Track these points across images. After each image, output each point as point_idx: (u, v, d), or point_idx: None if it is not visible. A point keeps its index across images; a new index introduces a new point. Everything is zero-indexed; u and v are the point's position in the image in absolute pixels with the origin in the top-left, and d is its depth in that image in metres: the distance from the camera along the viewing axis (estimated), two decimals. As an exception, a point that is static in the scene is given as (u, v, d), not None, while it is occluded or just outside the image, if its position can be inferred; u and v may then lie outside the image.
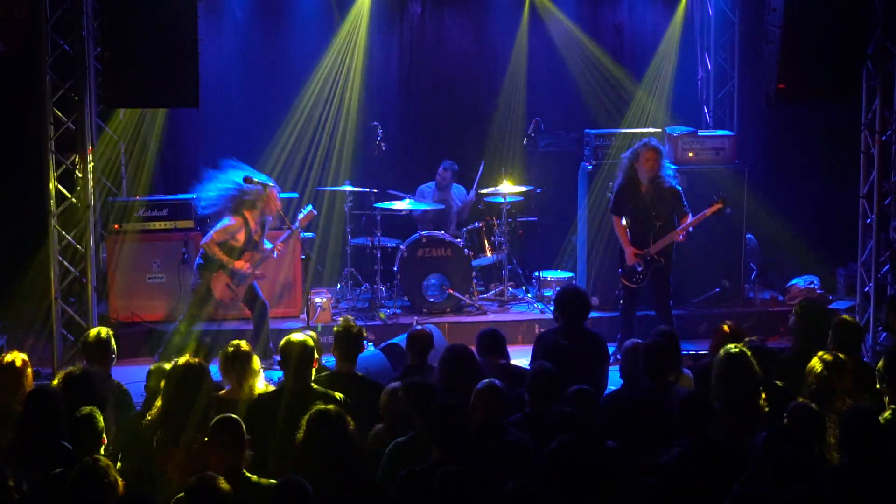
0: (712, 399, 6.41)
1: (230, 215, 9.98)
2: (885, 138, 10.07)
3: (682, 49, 12.82)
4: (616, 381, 7.58)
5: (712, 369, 6.65)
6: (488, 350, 7.56)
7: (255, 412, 6.50)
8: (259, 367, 7.03)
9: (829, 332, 7.29)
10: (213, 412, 6.18)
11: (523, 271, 12.15)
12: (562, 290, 8.43)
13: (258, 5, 12.55)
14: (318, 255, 10.61)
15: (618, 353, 8.73)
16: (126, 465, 6.13)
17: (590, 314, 8.18)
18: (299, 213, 10.27)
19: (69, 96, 9.86)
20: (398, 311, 11.44)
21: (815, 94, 9.99)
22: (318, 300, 11.04)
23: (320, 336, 8.59)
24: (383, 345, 9.27)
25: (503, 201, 11.69)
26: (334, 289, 11.87)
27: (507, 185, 11.67)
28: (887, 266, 10.20)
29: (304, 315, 10.48)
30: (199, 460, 5.78)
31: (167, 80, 9.28)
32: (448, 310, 11.46)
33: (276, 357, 7.76)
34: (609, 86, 12.98)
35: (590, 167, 11.53)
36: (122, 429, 6.65)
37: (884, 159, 10.11)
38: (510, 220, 11.82)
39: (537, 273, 11.96)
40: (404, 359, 7.87)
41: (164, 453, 6.12)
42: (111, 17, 9.32)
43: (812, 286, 11.70)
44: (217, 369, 7.02)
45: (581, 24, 12.86)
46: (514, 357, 10.01)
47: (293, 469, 5.55)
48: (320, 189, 11.87)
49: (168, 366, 7.05)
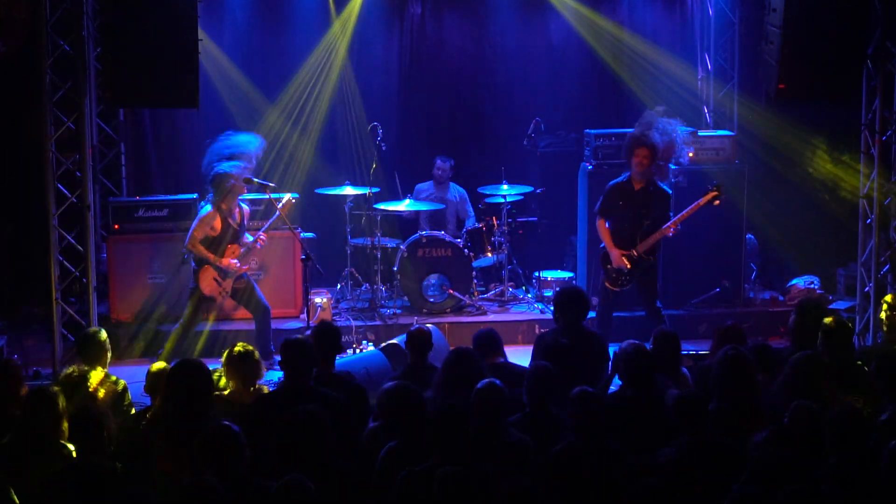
0: (714, 399, 6.43)
1: (206, 209, 9.94)
2: (885, 138, 10.07)
3: (682, 49, 12.82)
4: (615, 381, 7.58)
5: (712, 370, 6.65)
6: (486, 350, 7.58)
7: (257, 412, 6.50)
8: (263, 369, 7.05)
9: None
10: (215, 412, 6.19)
11: (523, 271, 12.15)
12: (561, 290, 8.43)
13: (258, 5, 12.55)
14: (318, 255, 10.59)
15: None
16: (125, 465, 6.13)
17: (589, 314, 8.17)
18: (278, 203, 10.20)
19: (69, 96, 9.86)
20: (398, 311, 11.44)
21: (815, 94, 9.99)
22: (318, 300, 11.04)
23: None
24: (383, 345, 9.28)
25: (503, 201, 11.69)
26: (334, 289, 11.87)
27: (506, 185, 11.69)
28: (887, 266, 10.20)
29: (304, 315, 10.48)
30: (199, 461, 5.78)
31: (167, 80, 9.27)
32: (448, 310, 11.46)
33: (276, 357, 7.77)
34: (609, 86, 12.99)
35: (590, 167, 11.53)
36: (122, 429, 6.65)
37: (884, 159, 10.11)
38: (510, 220, 11.81)
39: (537, 273, 11.95)
40: (404, 359, 7.88)
41: (163, 453, 6.12)
42: (111, 17, 9.32)
43: (812, 286, 11.70)
44: (221, 369, 7.05)
45: (581, 24, 12.87)
46: (514, 357, 10.04)
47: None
48: (320, 190, 11.87)
49: (162, 365, 7.08)
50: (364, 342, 10.80)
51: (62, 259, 10.07)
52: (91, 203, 10.08)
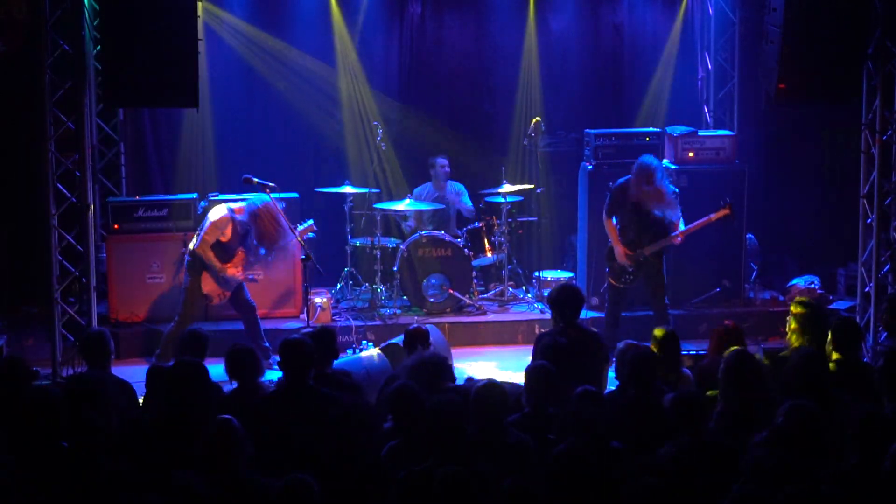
0: (720, 401, 6.42)
1: (224, 213, 9.95)
2: (885, 138, 10.07)
3: (682, 49, 12.81)
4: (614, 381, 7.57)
5: (719, 372, 6.61)
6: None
7: (257, 412, 6.49)
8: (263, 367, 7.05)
9: (826, 332, 7.27)
10: (215, 412, 6.18)
11: (523, 271, 12.15)
12: (555, 288, 8.16)
13: (258, 5, 12.54)
14: (317, 255, 10.58)
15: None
16: (127, 465, 6.13)
17: (583, 309, 8.09)
18: (300, 225, 10.26)
19: (69, 96, 9.86)
20: (398, 311, 11.44)
21: (815, 94, 9.99)
22: (318, 300, 11.04)
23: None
24: (383, 345, 9.28)
25: (503, 201, 11.69)
26: (334, 289, 11.87)
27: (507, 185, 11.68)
28: (888, 266, 10.20)
29: (304, 315, 10.48)
30: (199, 461, 5.78)
31: (167, 80, 9.27)
32: (448, 310, 11.45)
33: (276, 357, 7.76)
34: (609, 86, 12.99)
35: (590, 167, 11.52)
36: (124, 429, 6.64)
37: (884, 159, 10.11)
38: (510, 220, 11.81)
39: (537, 273, 11.95)
40: (403, 358, 7.87)
41: (164, 453, 6.11)
42: (111, 17, 9.32)
43: (812, 286, 11.69)
44: (219, 369, 7.04)
45: (581, 24, 12.87)
46: (513, 357, 10.04)
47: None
48: (320, 189, 11.86)
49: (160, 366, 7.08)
50: (364, 342, 10.80)
51: (62, 259, 10.07)
52: (91, 203, 10.08)
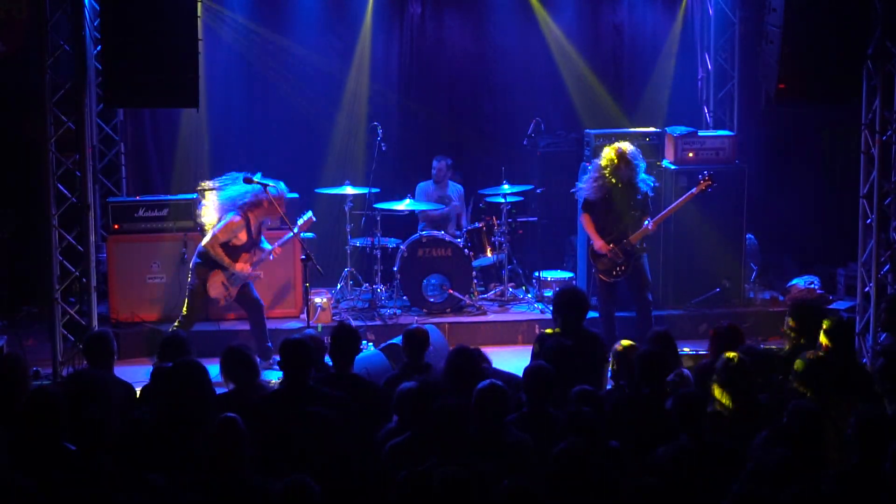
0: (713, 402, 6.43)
1: (233, 214, 9.98)
2: (885, 138, 10.06)
3: (682, 49, 12.82)
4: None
5: (714, 375, 6.62)
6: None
7: (256, 412, 6.49)
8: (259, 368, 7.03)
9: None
10: (214, 412, 6.18)
11: (523, 271, 12.15)
12: (560, 290, 8.39)
13: (258, 5, 12.55)
14: (318, 255, 10.59)
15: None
16: (129, 465, 6.13)
17: (588, 314, 8.15)
18: (299, 218, 10.26)
19: (69, 96, 9.85)
20: (398, 311, 11.44)
21: (815, 94, 9.98)
22: (318, 300, 11.04)
23: (321, 336, 8.58)
24: (383, 345, 9.28)
25: (503, 201, 11.69)
26: (334, 289, 11.87)
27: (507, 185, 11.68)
28: (887, 266, 10.19)
29: (304, 315, 10.48)
30: (201, 461, 5.78)
31: (167, 80, 9.27)
32: (448, 310, 11.46)
33: (276, 357, 7.76)
34: (608, 86, 12.99)
35: (590, 167, 11.50)
36: (124, 429, 6.65)
37: (884, 159, 10.10)
38: (510, 220, 11.81)
39: (537, 273, 11.95)
40: (403, 358, 7.87)
41: (165, 454, 6.12)
42: (111, 17, 9.31)
43: (812, 286, 11.69)
44: (217, 370, 7.03)
45: (581, 24, 12.87)
46: (513, 357, 10.04)
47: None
48: (320, 190, 11.86)
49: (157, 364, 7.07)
50: (364, 342, 10.79)
51: (62, 259, 10.06)
52: (91, 203, 10.07)
